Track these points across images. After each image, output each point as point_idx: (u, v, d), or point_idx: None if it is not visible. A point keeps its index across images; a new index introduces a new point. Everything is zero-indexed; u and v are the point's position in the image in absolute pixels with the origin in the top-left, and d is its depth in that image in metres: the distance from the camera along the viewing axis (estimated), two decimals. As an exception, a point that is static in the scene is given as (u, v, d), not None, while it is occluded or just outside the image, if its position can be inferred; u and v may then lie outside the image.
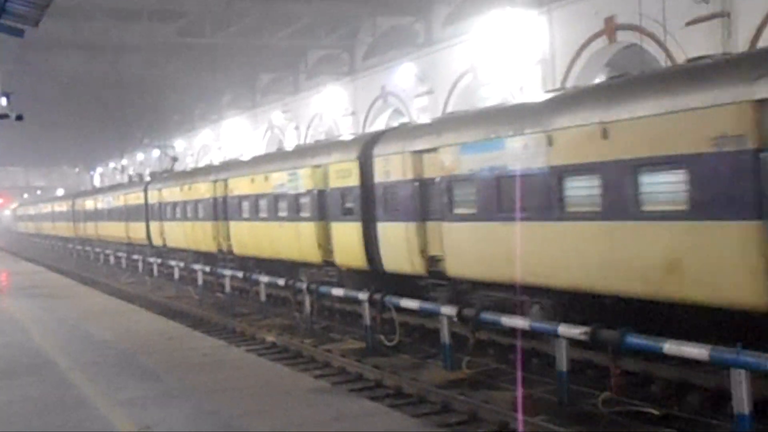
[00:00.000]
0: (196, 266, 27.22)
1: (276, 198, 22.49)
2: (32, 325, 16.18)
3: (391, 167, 17.07)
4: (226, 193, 26.53)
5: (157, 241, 35.51)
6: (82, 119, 59.51)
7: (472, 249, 14.62)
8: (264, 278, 21.88)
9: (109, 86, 47.14)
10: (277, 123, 48.50)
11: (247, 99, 52.58)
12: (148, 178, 40.57)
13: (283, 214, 22.14)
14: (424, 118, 26.33)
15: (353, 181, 18.55)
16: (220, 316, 22.04)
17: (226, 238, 26.85)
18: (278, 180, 22.33)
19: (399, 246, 16.82)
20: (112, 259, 39.85)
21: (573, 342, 11.56)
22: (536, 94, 19.70)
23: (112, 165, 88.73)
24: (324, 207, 19.99)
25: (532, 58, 27.38)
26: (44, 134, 64.44)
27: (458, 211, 14.95)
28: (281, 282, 20.68)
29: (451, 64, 31.82)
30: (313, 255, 20.52)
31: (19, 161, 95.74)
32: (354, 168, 18.52)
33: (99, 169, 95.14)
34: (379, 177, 17.56)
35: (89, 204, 50.56)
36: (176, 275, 28.71)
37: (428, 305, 15.07)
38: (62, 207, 60.55)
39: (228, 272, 24.42)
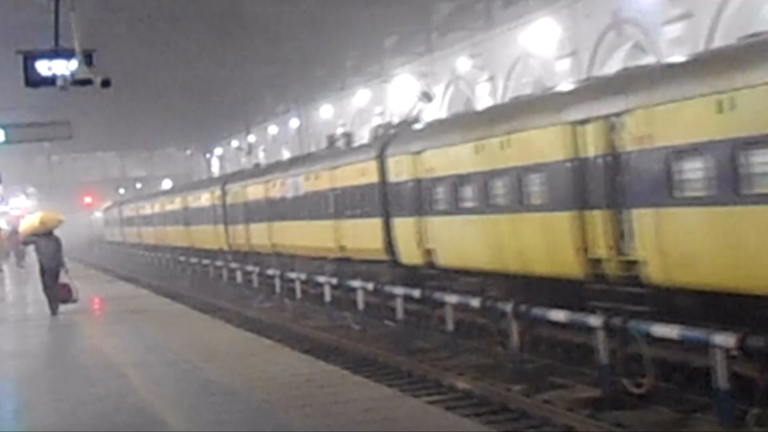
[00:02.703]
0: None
1: None
2: (134, 370, 16.83)
3: None
4: (619, 148, 17.08)
5: (409, 256, 26.27)
6: (191, 83, 60.96)
7: None
8: (452, 298, 22.02)
9: (226, 33, 48.43)
10: (462, 72, 48.63)
11: (419, 41, 52.86)
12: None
13: None
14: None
15: None
16: (389, 354, 22.39)
17: (615, 247, 17.13)
18: None
19: None
20: (239, 277, 41.09)
21: None
22: None
23: (235, 144, 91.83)
24: None
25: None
26: (141, 107, 66.74)
27: None
28: (475, 303, 20.72)
29: (718, -29, 31.09)
30: None
31: (112, 145, 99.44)
32: None
33: (218, 150, 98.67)
34: None
35: (255, 192, 42.61)
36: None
37: (693, 333, 14.73)
38: (202, 200, 53.43)
39: (400, 291, 24.65)
